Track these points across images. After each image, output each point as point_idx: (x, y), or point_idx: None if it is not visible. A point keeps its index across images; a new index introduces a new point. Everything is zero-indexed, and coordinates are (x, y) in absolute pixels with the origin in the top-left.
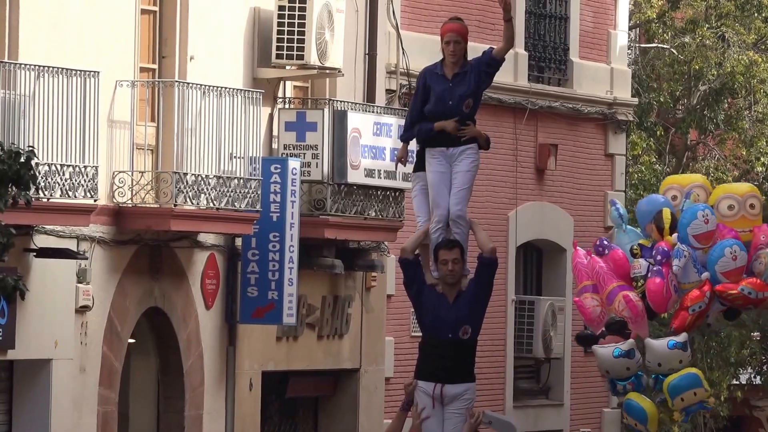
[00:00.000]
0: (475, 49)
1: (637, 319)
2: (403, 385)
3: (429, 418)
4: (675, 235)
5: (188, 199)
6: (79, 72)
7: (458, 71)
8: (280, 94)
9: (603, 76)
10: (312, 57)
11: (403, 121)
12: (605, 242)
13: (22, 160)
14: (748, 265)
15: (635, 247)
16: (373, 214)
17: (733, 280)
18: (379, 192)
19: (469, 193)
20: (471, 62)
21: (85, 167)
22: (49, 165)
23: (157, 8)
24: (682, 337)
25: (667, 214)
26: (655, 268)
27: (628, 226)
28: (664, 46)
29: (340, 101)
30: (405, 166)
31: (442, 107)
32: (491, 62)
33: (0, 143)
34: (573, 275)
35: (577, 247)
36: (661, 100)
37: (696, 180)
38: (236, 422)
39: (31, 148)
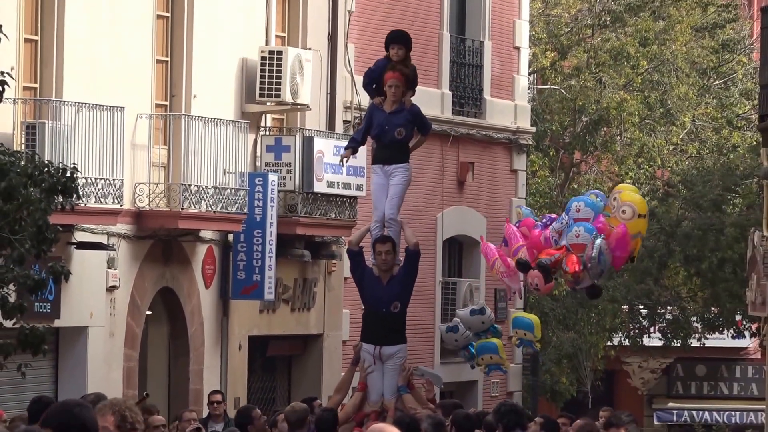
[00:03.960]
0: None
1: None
2: (353, 346)
3: (373, 372)
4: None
5: (192, 204)
6: (109, 107)
7: (396, 108)
8: (262, 124)
9: (509, 110)
10: (287, 96)
11: None
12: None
13: (67, 174)
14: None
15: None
16: (333, 215)
17: (577, 251)
18: (337, 198)
19: (400, 201)
20: (412, 108)
21: (114, 180)
22: (86, 178)
23: (168, 59)
24: (478, 305)
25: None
26: (539, 225)
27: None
28: (555, 87)
29: (308, 129)
30: (343, 164)
31: (381, 131)
32: (419, 125)
33: (50, 162)
34: (485, 256)
35: (484, 240)
36: (553, 128)
37: (623, 191)
38: (229, 375)
39: (74, 165)
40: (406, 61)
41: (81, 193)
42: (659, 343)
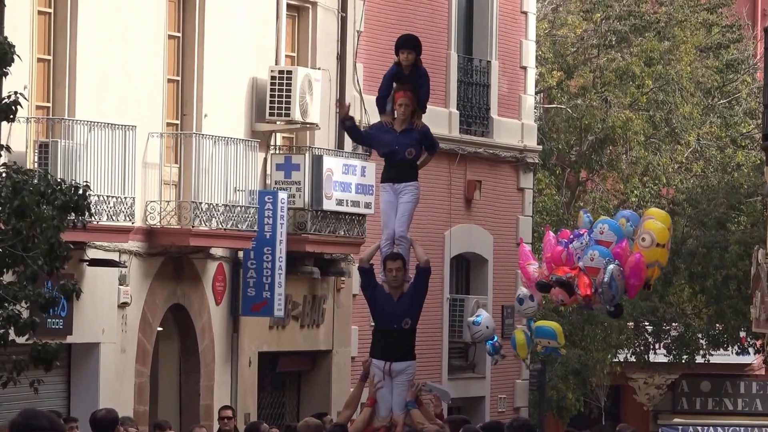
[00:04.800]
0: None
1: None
2: (362, 362)
3: (382, 387)
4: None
5: (203, 222)
6: (120, 126)
7: (406, 127)
8: (272, 143)
9: (515, 129)
10: (296, 114)
11: (365, 163)
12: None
13: (79, 192)
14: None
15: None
16: (342, 233)
17: (591, 274)
18: (346, 216)
19: (410, 218)
20: (422, 128)
21: (125, 197)
22: (98, 196)
23: (179, 78)
24: (524, 294)
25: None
26: (563, 242)
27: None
28: (562, 107)
29: (318, 148)
30: (336, 106)
31: (391, 150)
32: (427, 144)
33: (62, 180)
34: (521, 264)
35: (523, 243)
36: (560, 147)
37: (652, 215)
38: (239, 391)
39: (86, 184)
40: (417, 64)
41: (93, 210)
42: (664, 360)
